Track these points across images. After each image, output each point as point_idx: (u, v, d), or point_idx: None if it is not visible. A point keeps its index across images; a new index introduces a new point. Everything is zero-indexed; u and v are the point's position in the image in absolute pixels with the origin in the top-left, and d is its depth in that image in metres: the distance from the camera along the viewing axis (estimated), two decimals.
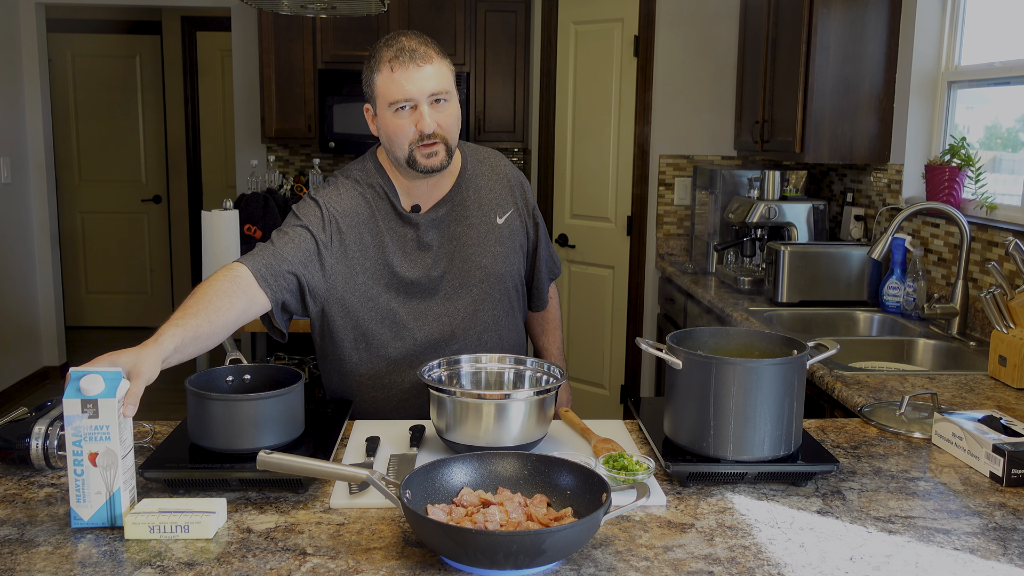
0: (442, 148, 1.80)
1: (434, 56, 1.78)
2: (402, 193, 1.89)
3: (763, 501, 1.42)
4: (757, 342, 1.63)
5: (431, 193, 1.90)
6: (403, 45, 1.77)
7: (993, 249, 2.68)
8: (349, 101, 4.94)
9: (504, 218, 1.97)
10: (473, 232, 1.92)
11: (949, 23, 3.19)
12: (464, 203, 1.93)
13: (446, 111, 1.80)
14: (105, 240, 7.09)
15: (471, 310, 1.92)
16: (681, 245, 4.50)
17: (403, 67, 1.75)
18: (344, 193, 1.87)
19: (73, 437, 1.28)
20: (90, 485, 1.29)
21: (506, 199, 1.98)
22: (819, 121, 3.38)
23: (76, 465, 1.29)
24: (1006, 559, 1.24)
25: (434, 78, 1.76)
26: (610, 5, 4.52)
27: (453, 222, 1.92)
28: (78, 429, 1.28)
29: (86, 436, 1.28)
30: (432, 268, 1.89)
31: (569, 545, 1.16)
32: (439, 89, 1.77)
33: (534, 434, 1.56)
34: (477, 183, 1.96)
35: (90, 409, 1.28)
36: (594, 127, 4.67)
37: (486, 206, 1.95)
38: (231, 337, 1.72)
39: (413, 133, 1.78)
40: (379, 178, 1.89)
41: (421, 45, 1.78)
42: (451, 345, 1.91)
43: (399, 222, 1.88)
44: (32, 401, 4.74)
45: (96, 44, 6.87)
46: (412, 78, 1.75)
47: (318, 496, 1.41)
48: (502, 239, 1.95)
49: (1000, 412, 1.70)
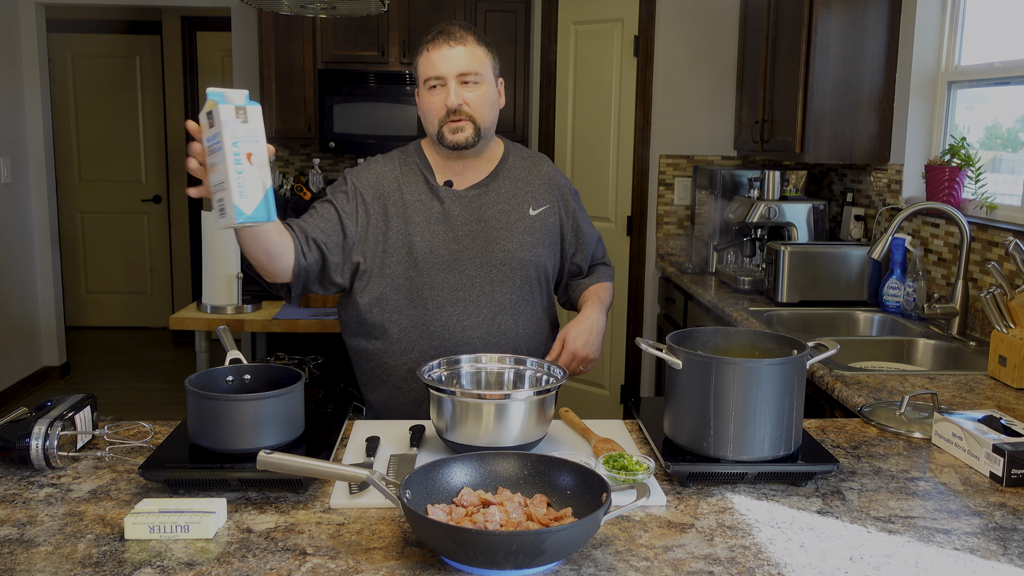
0: (469, 125, 1.92)
1: (470, 41, 1.92)
2: (438, 171, 2.02)
3: (763, 501, 1.42)
4: (757, 342, 1.63)
5: (467, 175, 2.02)
6: (443, 29, 1.92)
7: (993, 249, 2.68)
8: (349, 101, 4.94)
9: (538, 211, 2.04)
10: (503, 217, 2.00)
11: (949, 23, 3.19)
12: (498, 189, 2.02)
13: (475, 91, 1.92)
14: (105, 240, 7.09)
15: (487, 289, 1.98)
16: (681, 245, 4.51)
17: (437, 47, 1.90)
18: (373, 168, 2.02)
19: (231, 139, 1.42)
20: (248, 182, 1.44)
21: (544, 195, 2.06)
22: (819, 121, 3.38)
23: (236, 164, 1.43)
24: (1006, 559, 1.24)
25: (464, 59, 1.89)
26: (610, 5, 4.52)
27: (484, 204, 2.00)
28: (235, 132, 1.43)
29: (242, 139, 1.44)
30: (453, 242, 1.97)
31: (569, 545, 1.16)
32: (468, 69, 1.90)
33: (534, 434, 1.56)
34: (515, 175, 2.06)
35: (242, 115, 1.44)
36: (594, 127, 4.67)
37: (520, 196, 2.04)
38: (231, 337, 1.72)
39: (441, 108, 1.91)
40: (416, 156, 2.04)
41: (460, 30, 1.92)
42: (463, 321, 1.96)
43: (428, 195, 1.99)
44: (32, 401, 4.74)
45: (96, 44, 6.87)
46: (444, 56, 1.89)
47: (318, 496, 1.41)
48: (531, 229, 2.02)
49: (1000, 412, 1.70)
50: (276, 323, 3.17)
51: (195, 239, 6.84)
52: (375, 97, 4.95)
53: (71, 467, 1.53)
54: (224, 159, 1.43)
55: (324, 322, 3.16)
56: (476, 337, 1.97)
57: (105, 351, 6.58)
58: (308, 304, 3.32)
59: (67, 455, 1.53)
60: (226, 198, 1.44)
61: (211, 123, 1.44)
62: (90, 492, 1.42)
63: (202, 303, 3.23)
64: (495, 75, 1.98)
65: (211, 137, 1.45)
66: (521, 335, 2.00)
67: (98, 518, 1.33)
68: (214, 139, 1.45)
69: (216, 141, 1.44)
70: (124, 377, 5.99)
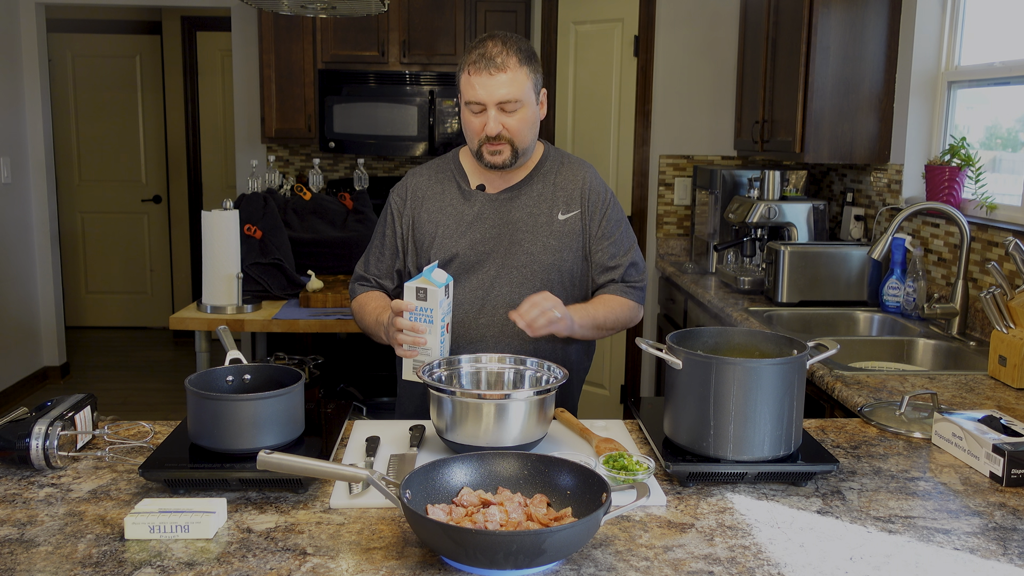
0: (507, 148, 1.96)
1: (511, 66, 1.91)
2: (472, 176, 2.08)
3: (763, 501, 1.42)
4: (757, 342, 1.63)
5: (501, 180, 2.06)
6: (485, 51, 1.92)
7: (993, 249, 2.68)
8: (349, 101, 4.94)
9: (567, 216, 2.05)
10: (531, 221, 2.02)
11: (949, 23, 3.18)
12: (530, 193, 2.05)
13: (515, 116, 1.94)
14: (105, 240, 7.09)
15: (507, 290, 2.00)
16: (681, 245, 4.51)
17: (478, 73, 1.91)
18: (410, 180, 2.12)
19: (441, 315, 1.77)
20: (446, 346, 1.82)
21: (575, 201, 2.06)
22: (819, 121, 3.38)
23: (442, 335, 1.79)
24: (1006, 559, 1.24)
25: (505, 86, 1.91)
26: (610, 5, 4.52)
27: (514, 207, 2.03)
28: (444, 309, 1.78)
29: (446, 312, 1.80)
30: (480, 243, 2.01)
31: (569, 545, 1.16)
32: (509, 98, 1.91)
33: (534, 434, 1.56)
34: (550, 179, 2.07)
35: (448, 293, 1.80)
36: (594, 127, 4.67)
37: (551, 200, 2.05)
38: (231, 337, 1.73)
39: (481, 131, 1.95)
40: (452, 164, 2.11)
41: (501, 53, 1.91)
42: (478, 319, 1.99)
43: (460, 199, 2.05)
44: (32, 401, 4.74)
45: (96, 44, 6.87)
46: (484, 84, 1.91)
47: (318, 496, 1.41)
48: (557, 234, 2.03)
49: (1000, 412, 1.70)
50: (276, 323, 3.17)
51: (195, 239, 6.84)
52: (375, 97, 4.95)
53: (71, 467, 1.53)
54: (433, 331, 1.76)
55: (324, 322, 3.16)
56: (490, 336, 1.98)
57: (105, 351, 6.58)
58: (308, 304, 3.32)
59: (67, 455, 1.53)
60: (427, 361, 1.74)
61: (423, 299, 1.75)
62: (90, 492, 1.42)
63: (202, 303, 3.23)
64: (536, 91, 1.98)
65: (420, 309, 1.76)
66: (537, 339, 1.98)
67: (98, 518, 1.33)
68: (425, 312, 1.76)
69: (428, 316, 1.75)
70: (124, 377, 5.99)
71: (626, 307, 2.08)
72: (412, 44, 4.96)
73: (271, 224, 3.56)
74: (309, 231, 3.83)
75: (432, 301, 1.73)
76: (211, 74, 6.80)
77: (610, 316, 2.04)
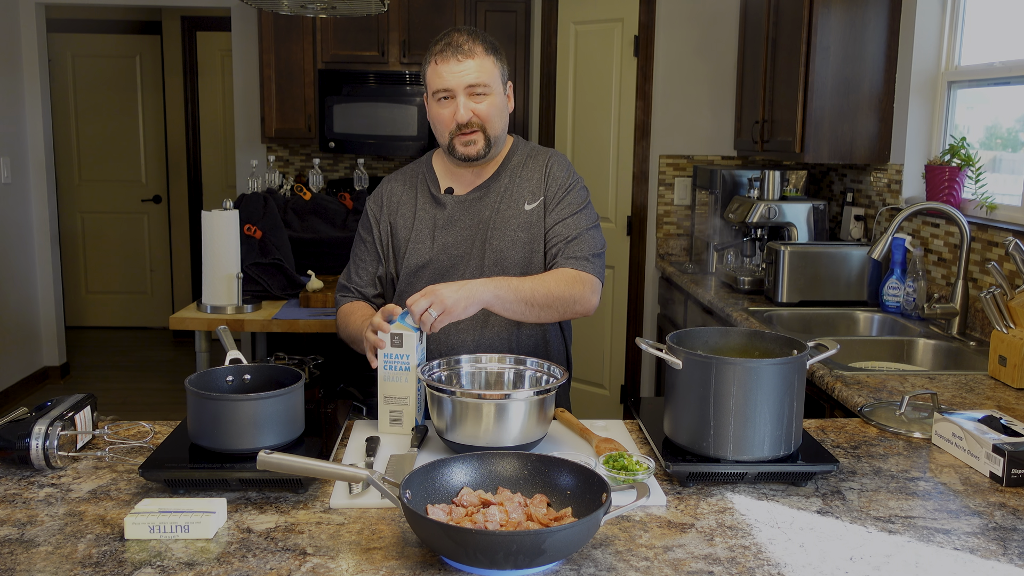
0: (480, 137, 1.94)
1: (478, 52, 1.92)
2: (443, 179, 2.06)
3: (763, 501, 1.42)
4: (757, 342, 1.63)
5: (472, 179, 2.04)
6: (451, 40, 1.92)
7: (993, 249, 2.68)
8: (349, 101, 4.94)
9: (532, 206, 2.01)
10: (499, 217, 2.00)
11: (949, 23, 3.18)
12: (498, 190, 2.02)
13: (485, 102, 1.93)
14: (105, 240, 7.09)
15: None
16: (681, 245, 4.50)
17: (445, 61, 1.91)
18: (385, 187, 2.11)
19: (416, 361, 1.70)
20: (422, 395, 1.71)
21: (539, 188, 2.03)
22: (819, 121, 3.38)
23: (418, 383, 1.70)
24: (1006, 559, 1.24)
25: (473, 72, 1.90)
26: (610, 5, 4.52)
27: (484, 207, 2.01)
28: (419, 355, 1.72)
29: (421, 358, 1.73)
30: (453, 247, 1.99)
31: (569, 545, 1.16)
32: (477, 82, 1.91)
33: (534, 434, 1.56)
34: (517, 173, 2.04)
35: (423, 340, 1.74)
36: (594, 127, 4.67)
37: (517, 193, 2.02)
38: (231, 337, 1.73)
39: (451, 121, 1.93)
40: (424, 168, 2.09)
41: (468, 41, 1.92)
42: (456, 324, 1.89)
43: (431, 204, 2.04)
44: (32, 401, 4.74)
45: (96, 44, 6.87)
46: (452, 71, 1.90)
47: (318, 496, 1.41)
48: (525, 225, 1.99)
49: (1000, 412, 1.70)
50: (276, 323, 3.17)
51: (195, 239, 6.84)
52: (375, 97, 4.95)
53: (71, 467, 1.53)
54: (409, 378, 1.69)
55: (324, 322, 3.16)
56: (469, 340, 1.95)
57: (105, 351, 6.58)
58: (308, 304, 3.32)
59: (67, 455, 1.53)
60: (406, 412, 1.71)
61: (398, 344, 1.69)
62: (90, 492, 1.42)
63: (202, 303, 3.23)
64: (503, 82, 1.98)
65: (396, 356, 1.70)
66: (516, 335, 1.97)
67: (98, 518, 1.33)
68: (399, 359, 1.70)
69: (404, 363, 1.69)
70: (124, 377, 5.99)
71: (566, 277, 1.87)
72: (412, 44, 4.96)
73: (271, 224, 3.56)
74: (309, 231, 3.83)
75: (408, 347, 1.68)
76: (211, 74, 6.80)
77: (540, 287, 1.82)
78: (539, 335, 2.02)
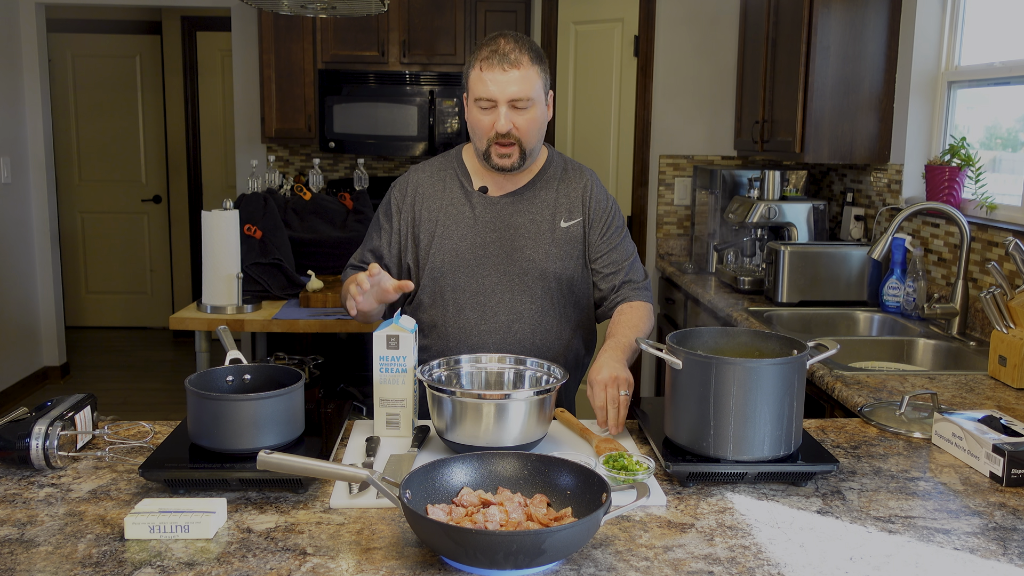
0: (516, 151, 1.94)
1: (524, 62, 1.90)
2: (475, 176, 2.05)
3: (763, 501, 1.42)
4: (757, 342, 1.63)
5: (505, 183, 2.04)
6: (498, 47, 1.90)
7: (993, 249, 2.68)
8: (349, 101, 4.94)
9: (569, 224, 2.03)
10: (533, 227, 2.00)
11: (949, 23, 3.18)
12: (532, 199, 2.02)
13: (525, 115, 1.92)
14: (105, 240, 7.09)
15: (507, 296, 1.98)
16: (681, 245, 4.51)
17: (490, 69, 1.89)
18: (412, 175, 2.09)
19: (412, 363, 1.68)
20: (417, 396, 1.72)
21: (577, 208, 2.04)
22: (819, 121, 3.38)
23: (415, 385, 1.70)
24: (1006, 559, 1.24)
25: (517, 84, 1.88)
26: (610, 5, 4.52)
27: (516, 212, 2.02)
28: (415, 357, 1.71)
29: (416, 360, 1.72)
30: (480, 247, 1.99)
31: (569, 545, 1.16)
32: (521, 95, 1.89)
33: (534, 434, 1.56)
34: (553, 186, 2.05)
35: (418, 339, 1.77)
36: (594, 127, 4.67)
37: (553, 207, 2.03)
38: (231, 337, 1.73)
39: (491, 129, 1.92)
40: (454, 163, 2.08)
41: (515, 51, 1.90)
42: (480, 325, 1.98)
43: (461, 200, 2.03)
44: (32, 401, 4.74)
45: (96, 44, 6.87)
46: (496, 80, 1.88)
47: (318, 496, 1.41)
48: (559, 242, 2.01)
49: (1000, 412, 1.70)
50: (276, 323, 3.17)
51: (195, 239, 6.84)
52: (375, 97, 4.95)
53: (71, 467, 1.53)
54: (406, 380, 1.67)
55: (324, 322, 3.16)
56: (492, 343, 1.97)
57: (105, 351, 6.58)
58: (308, 304, 3.32)
59: (67, 455, 1.53)
60: (403, 414, 1.68)
61: (394, 347, 1.66)
62: (90, 492, 1.42)
63: (202, 303, 3.23)
64: (546, 91, 1.98)
65: (392, 358, 1.67)
66: (538, 344, 1.99)
67: (98, 518, 1.33)
68: (395, 360, 1.67)
69: (400, 364, 1.67)
70: (124, 377, 5.99)
71: (644, 312, 2.02)
72: (412, 44, 4.96)
73: (271, 224, 3.56)
74: (309, 231, 3.83)
75: (404, 348, 1.66)
76: (211, 74, 6.80)
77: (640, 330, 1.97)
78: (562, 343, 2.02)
